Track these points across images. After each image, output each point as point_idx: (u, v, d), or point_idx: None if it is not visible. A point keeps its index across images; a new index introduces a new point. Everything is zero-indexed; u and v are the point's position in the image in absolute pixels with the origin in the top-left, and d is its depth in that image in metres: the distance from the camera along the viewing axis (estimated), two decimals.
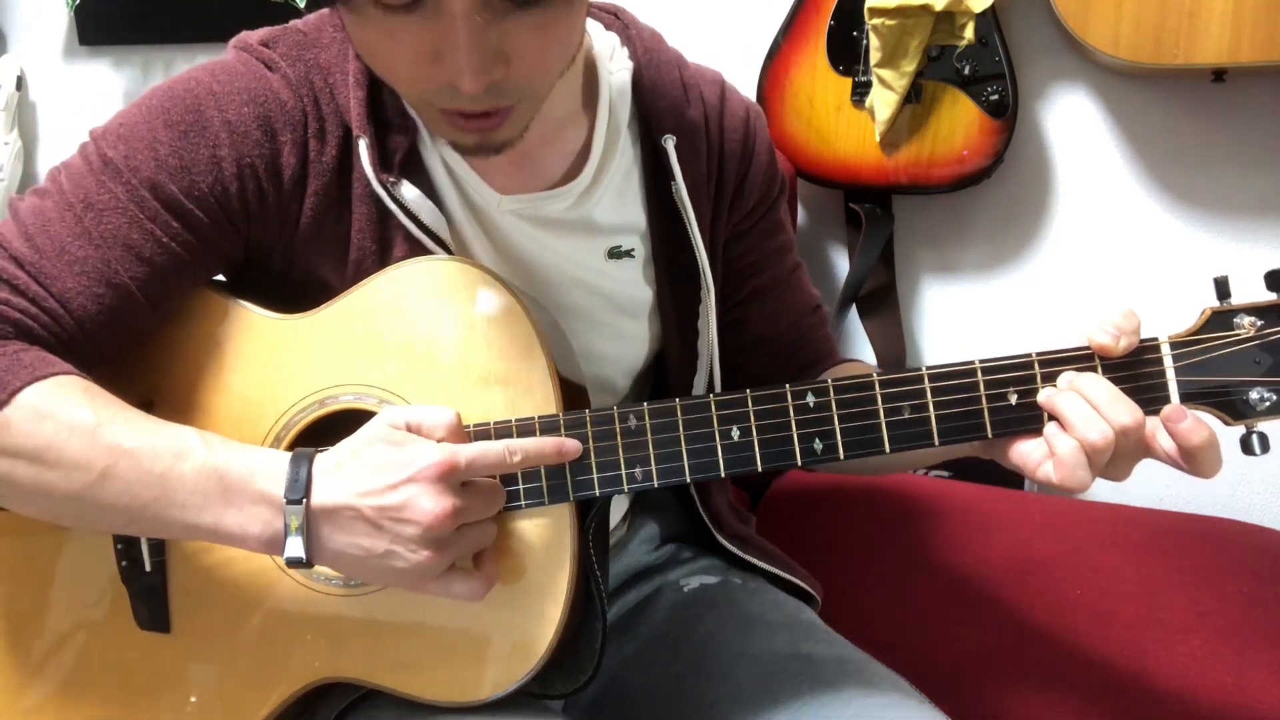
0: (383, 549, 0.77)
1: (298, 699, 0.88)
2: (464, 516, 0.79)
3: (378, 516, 0.77)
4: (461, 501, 0.78)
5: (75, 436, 0.77)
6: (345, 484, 0.78)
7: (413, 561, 0.78)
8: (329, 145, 0.88)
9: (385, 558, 0.78)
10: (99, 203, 0.83)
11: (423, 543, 0.77)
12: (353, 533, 0.78)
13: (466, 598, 0.81)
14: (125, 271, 0.83)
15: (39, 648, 0.89)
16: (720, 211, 1.01)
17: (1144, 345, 0.80)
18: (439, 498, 0.77)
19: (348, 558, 0.79)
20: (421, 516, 0.76)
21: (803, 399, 0.81)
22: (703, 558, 1.11)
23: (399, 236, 0.89)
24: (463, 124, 0.79)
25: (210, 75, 0.87)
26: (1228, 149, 1.51)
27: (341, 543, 0.78)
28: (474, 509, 0.79)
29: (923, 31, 1.44)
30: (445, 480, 0.77)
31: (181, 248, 0.85)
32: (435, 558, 0.78)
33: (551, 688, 0.87)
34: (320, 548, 0.78)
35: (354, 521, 0.78)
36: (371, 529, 0.77)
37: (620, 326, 1.00)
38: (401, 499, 0.77)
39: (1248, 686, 1.09)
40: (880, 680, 0.92)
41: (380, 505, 0.77)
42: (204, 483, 0.78)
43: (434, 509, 0.76)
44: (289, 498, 0.77)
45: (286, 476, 0.78)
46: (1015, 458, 0.81)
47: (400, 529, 0.77)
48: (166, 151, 0.84)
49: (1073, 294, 1.62)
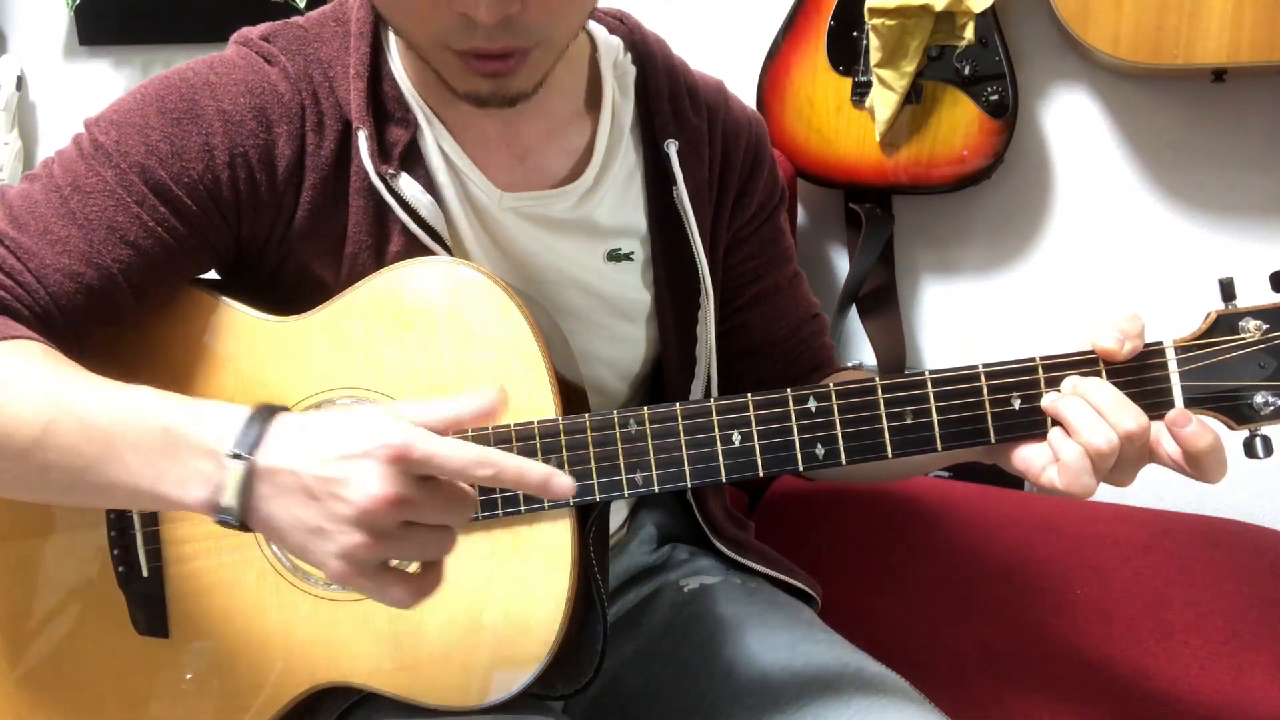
0: (314, 523, 0.70)
1: (297, 704, 0.88)
2: (412, 512, 0.70)
3: (316, 486, 0.69)
4: (411, 494, 0.69)
5: (24, 393, 0.74)
6: (299, 447, 0.71)
7: (341, 545, 0.69)
8: (327, 138, 0.88)
9: (315, 534, 0.70)
10: (86, 185, 0.83)
11: (356, 526, 0.69)
12: (288, 499, 0.70)
13: (395, 603, 0.72)
14: (109, 254, 0.83)
15: (36, 654, 0.89)
16: (721, 217, 1.01)
17: (1148, 349, 0.79)
18: (384, 481, 0.68)
19: (278, 525, 0.71)
20: (357, 495, 0.68)
21: (804, 403, 0.81)
22: (702, 558, 1.11)
23: (396, 230, 0.89)
24: (477, 65, 0.78)
25: (208, 67, 0.87)
26: (1228, 149, 1.51)
27: (275, 507, 0.71)
28: (428, 509, 0.71)
29: (923, 31, 1.44)
30: (396, 465, 0.69)
31: (168, 234, 0.85)
32: (367, 546, 0.69)
33: (553, 689, 0.87)
34: (253, 508, 0.71)
35: (293, 488, 0.70)
36: (307, 499, 0.70)
37: (616, 329, 1.00)
38: (343, 473, 0.69)
39: (1248, 686, 1.10)
40: (880, 680, 0.92)
41: (322, 475, 0.69)
42: (148, 438, 0.72)
43: (373, 491, 0.68)
44: (234, 451, 0.70)
45: (239, 429, 0.71)
46: (1018, 463, 0.81)
47: (335, 505, 0.69)
48: (158, 137, 0.84)
49: (1073, 294, 1.62)
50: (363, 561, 0.70)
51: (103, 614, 0.88)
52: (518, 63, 0.79)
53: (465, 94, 0.83)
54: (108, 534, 0.87)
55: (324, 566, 0.71)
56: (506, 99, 0.82)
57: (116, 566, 0.87)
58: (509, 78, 0.80)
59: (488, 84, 0.80)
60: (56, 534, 0.89)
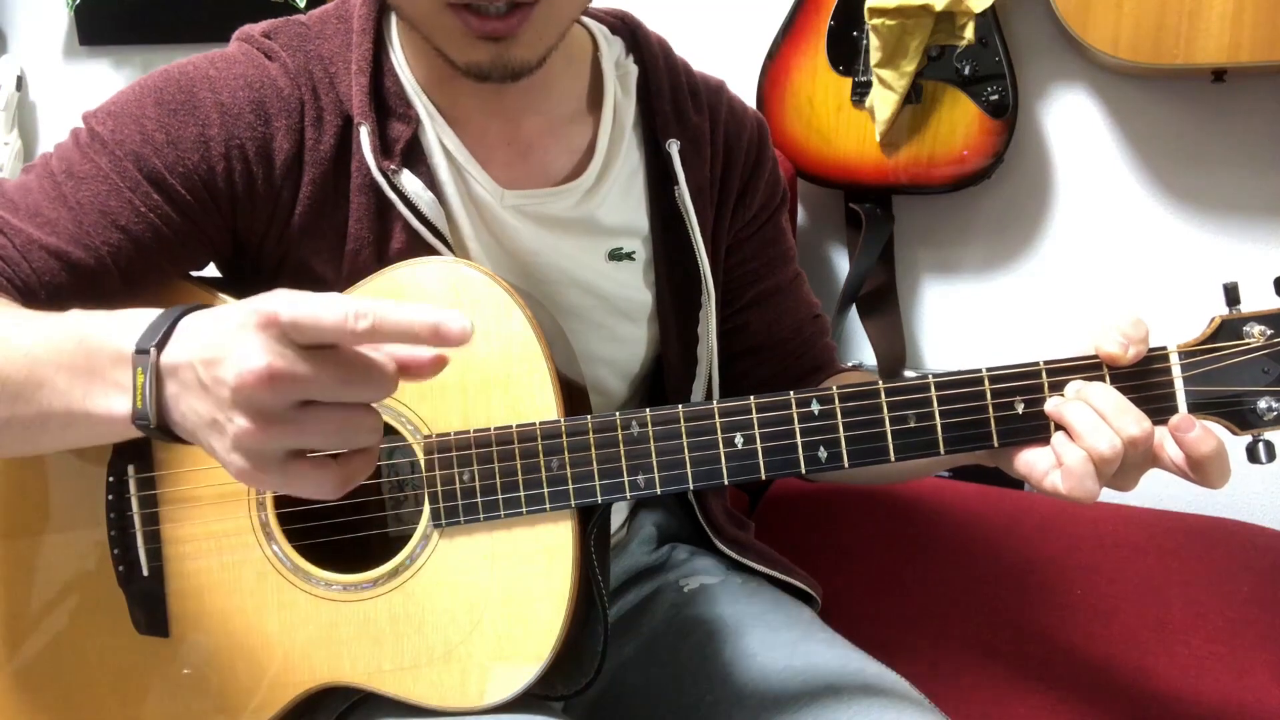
0: (209, 416, 0.63)
1: (297, 704, 0.88)
2: (301, 389, 0.61)
3: (204, 373, 0.63)
4: (292, 366, 0.60)
5: None
6: (195, 336, 0.65)
7: (231, 435, 0.62)
8: (326, 134, 0.88)
9: (212, 429, 0.63)
10: (80, 171, 0.84)
11: (237, 407, 0.61)
12: (188, 394, 0.64)
13: (313, 493, 0.65)
14: (98, 236, 0.83)
15: (35, 652, 0.89)
16: (723, 217, 1.01)
17: (1152, 354, 0.79)
18: (256, 352, 0.60)
19: (190, 427, 0.65)
20: (231, 373, 0.60)
21: (807, 406, 0.81)
22: (702, 558, 1.11)
23: (397, 227, 0.89)
24: (478, 26, 0.78)
25: (208, 62, 0.88)
26: (1228, 149, 1.51)
27: (183, 406, 0.65)
28: (320, 383, 0.61)
29: (923, 31, 1.44)
30: (265, 331, 0.60)
31: (161, 221, 0.85)
32: (255, 433, 0.61)
33: (553, 689, 0.87)
34: (167, 411, 0.66)
35: (188, 379, 0.64)
36: (200, 391, 0.63)
37: (617, 329, 1.00)
38: (221, 352, 0.61)
39: (1248, 686, 1.10)
40: (880, 680, 0.92)
41: (206, 359, 0.63)
42: (70, 355, 0.68)
43: (247, 364, 0.60)
44: (138, 348, 0.65)
45: (146, 327, 0.67)
46: (1021, 467, 0.81)
47: (219, 390, 0.62)
48: (154, 127, 0.84)
49: (1073, 294, 1.62)
50: (258, 452, 0.62)
51: (102, 613, 0.88)
52: (520, 21, 0.78)
53: (466, 66, 0.82)
54: (107, 533, 0.87)
55: (228, 467, 0.64)
56: (509, 70, 0.81)
57: (116, 565, 0.87)
58: (511, 44, 0.79)
59: (489, 52, 0.79)
60: (56, 533, 0.89)
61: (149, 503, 0.87)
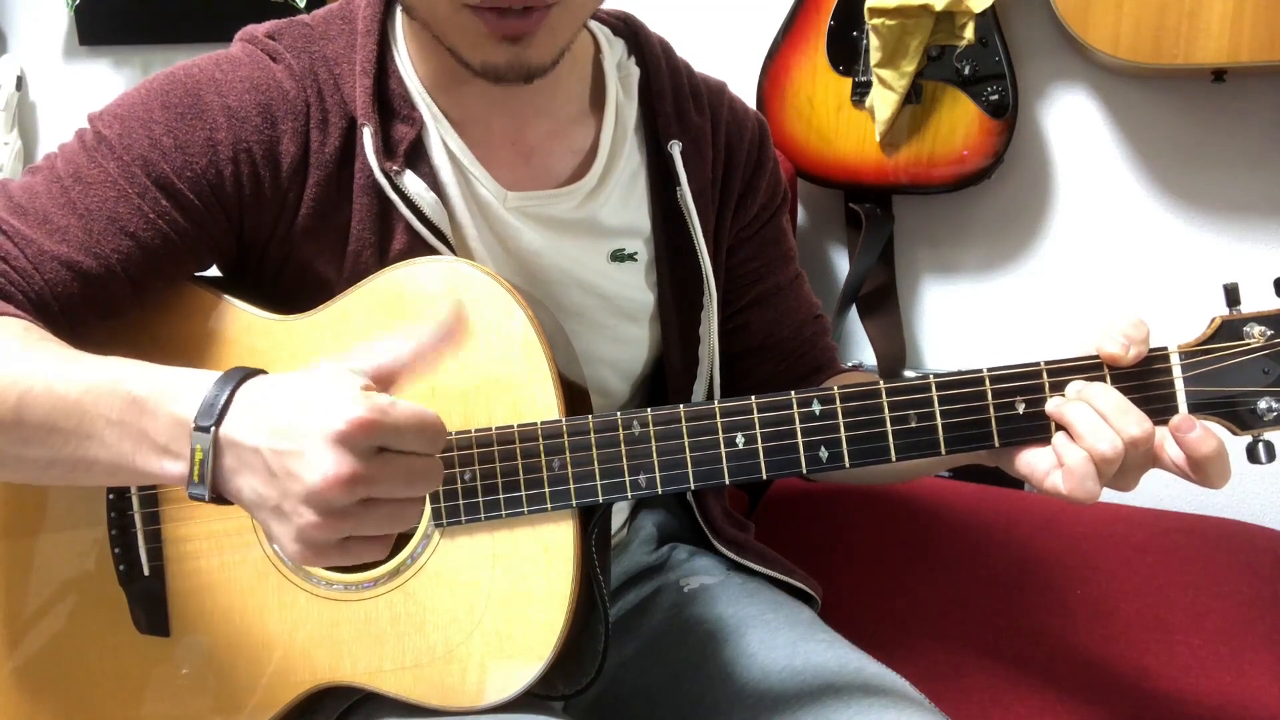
0: (273, 502, 0.67)
1: (298, 703, 0.88)
2: (368, 489, 0.67)
3: (274, 462, 0.67)
4: (366, 470, 0.66)
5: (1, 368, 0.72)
6: (260, 418, 0.68)
7: (296, 525, 0.67)
8: (331, 136, 0.88)
9: (275, 514, 0.68)
10: (88, 176, 0.83)
11: (309, 505, 0.66)
12: (252, 475, 0.68)
13: (358, 561, 0.71)
14: (108, 244, 0.82)
15: (36, 652, 0.89)
16: (724, 218, 1.01)
17: (1153, 355, 0.79)
18: (338, 459, 0.65)
19: (245, 500, 0.70)
20: (310, 476, 0.65)
21: (808, 406, 0.81)
22: (702, 558, 1.11)
23: (399, 228, 0.89)
24: (498, 25, 0.78)
25: (214, 64, 0.88)
26: (1228, 149, 1.51)
27: (240, 482, 0.69)
28: (383, 482, 0.67)
29: (923, 31, 1.44)
30: (349, 441, 0.65)
31: (169, 227, 0.85)
32: (324, 526, 0.66)
33: (554, 689, 0.87)
34: (222, 482, 0.70)
35: (255, 464, 0.68)
36: (267, 476, 0.67)
37: (619, 330, 1.00)
38: (297, 447, 0.66)
39: (1248, 686, 1.10)
40: (880, 680, 0.92)
41: (277, 449, 0.67)
42: (120, 411, 0.71)
43: (327, 471, 0.65)
44: (198, 423, 0.68)
45: (205, 398, 0.69)
46: (1022, 467, 0.81)
47: (289, 484, 0.66)
48: (161, 131, 0.84)
49: (1072, 294, 1.62)
50: (320, 542, 0.67)
51: (103, 612, 0.88)
52: (538, 20, 0.78)
53: (481, 66, 0.82)
54: (108, 532, 0.87)
55: (282, 547, 0.69)
56: (524, 71, 0.81)
57: (117, 565, 0.87)
58: (528, 45, 0.79)
59: (506, 53, 0.80)
60: (56, 532, 0.89)
61: (150, 502, 0.87)
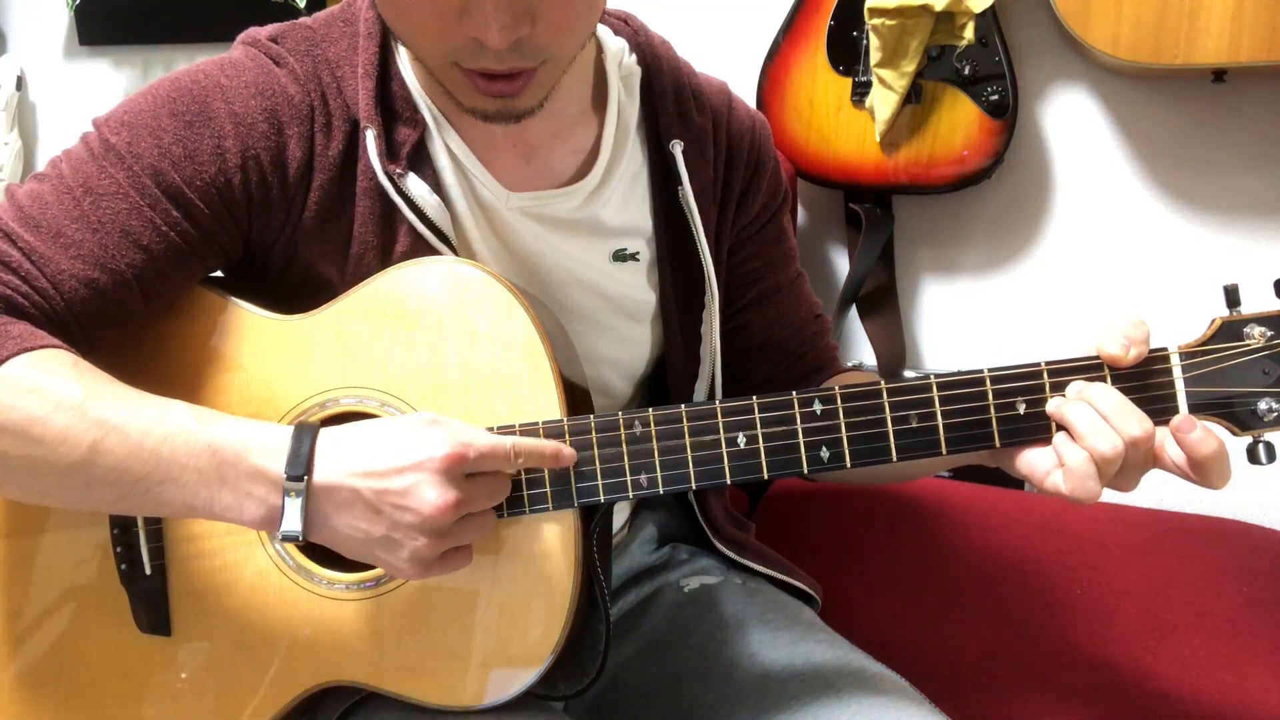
0: (380, 534, 0.77)
1: (299, 703, 0.88)
2: (466, 508, 0.78)
3: (378, 500, 0.76)
4: (464, 494, 0.77)
5: (61, 411, 0.75)
6: (347, 462, 0.77)
7: (410, 549, 0.77)
8: (334, 139, 0.88)
9: (383, 543, 0.77)
10: (99, 187, 0.83)
11: (422, 531, 0.76)
12: (351, 514, 0.77)
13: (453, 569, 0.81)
14: (122, 258, 0.82)
15: (37, 651, 0.89)
16: (725, 217, 1.01)
17: (1153, 355, 0.79)
18: (443, 489, 0.76)
19: (344, 538, 0.78)
20: (423, 506, 0.76)
21: (810, 406, 0.81)
22: (703, 558, 1.11)
23: (402, 230, 0.89)
24: (485, 86, 0.80)
25: (218, 69, 0.87)
26: (1228, 149, 1.51)
27: (340, 523, 0.77)
28: (477, 500, 0.79)
29: (923, 31, 1.45)
30: (450, 472, 0.76)
31: (180, 238, 0.84)
32: (433, 545, 0.77)
33: (555, 689, 0.87)
34: (318, 525, 0.78)
35: (353, 502, 0.77)
36: (370, 512, 0.77)
37: (621, 329, 1.00)
38: (404, 484, 0.76)
39: (1248, 686, 1.10)
40: (880, 680, 0.92)
41: (381, 489, 0.76)
42: (196, 458, 0.76)
43: (437, 500, 0.75)
44: (290, 473, 0.76)
45: (288, 451, 0.77)
46: (1023, 467, 0.81)
47: (400, 516, 0.76)
48: (170, 140, 0.84)
49: (1073, 294, 1.62)
50: (429, 559, 0.78)
51: (105, 611, 0.88)
52: (525, 81, 0.80)
53: (471, 109, 0.84)
54: (110, 532, 0.87)
55: (396, 570, 0.80)
56: (512, 117, 0.83)
57: (119, 564, 0.87)
58: (515, 97, 0.81)
59: (495, 104, 0.82)
60: (58, 531, 0.89)
61: None
